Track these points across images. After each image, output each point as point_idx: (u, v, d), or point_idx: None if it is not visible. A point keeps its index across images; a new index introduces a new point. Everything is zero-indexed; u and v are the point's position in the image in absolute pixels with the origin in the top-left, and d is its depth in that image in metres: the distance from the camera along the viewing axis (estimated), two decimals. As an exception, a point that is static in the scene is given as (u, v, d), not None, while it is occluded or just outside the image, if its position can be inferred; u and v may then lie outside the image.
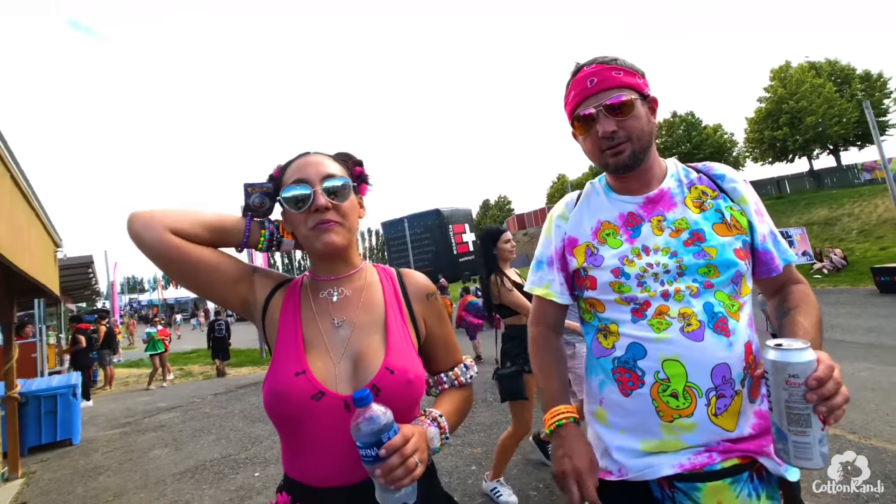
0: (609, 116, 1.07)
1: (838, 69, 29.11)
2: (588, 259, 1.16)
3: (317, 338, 0.99)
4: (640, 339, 1.06)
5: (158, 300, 44.62)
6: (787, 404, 0.85)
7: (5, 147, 3.22)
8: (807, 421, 0.83)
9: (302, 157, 1.05)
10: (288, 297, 1.05)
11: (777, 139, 28.86)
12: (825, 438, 0.85)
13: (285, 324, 1.01)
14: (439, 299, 1.17)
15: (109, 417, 7.72)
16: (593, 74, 1.09)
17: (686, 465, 1.01)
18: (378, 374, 0.94)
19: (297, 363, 0.94)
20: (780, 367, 0.85)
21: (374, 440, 0.80)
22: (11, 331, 5.10)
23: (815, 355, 0.85)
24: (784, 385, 0.85)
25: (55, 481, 4.78)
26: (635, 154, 1.09)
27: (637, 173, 1.14)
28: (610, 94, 1.07)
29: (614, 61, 1.11)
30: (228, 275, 1.02)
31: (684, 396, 1.00)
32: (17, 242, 3.60)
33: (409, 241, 30.81)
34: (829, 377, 0.82)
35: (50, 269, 5.14)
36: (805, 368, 0.83)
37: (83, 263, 9.41)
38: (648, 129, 1.10)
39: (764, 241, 1.12)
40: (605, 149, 1.10)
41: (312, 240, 1.00)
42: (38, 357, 8.69)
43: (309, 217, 0.99)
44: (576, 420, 1.15)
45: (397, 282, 1.12)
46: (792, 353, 0.85)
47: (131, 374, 13.19)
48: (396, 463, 0.80)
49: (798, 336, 0.99)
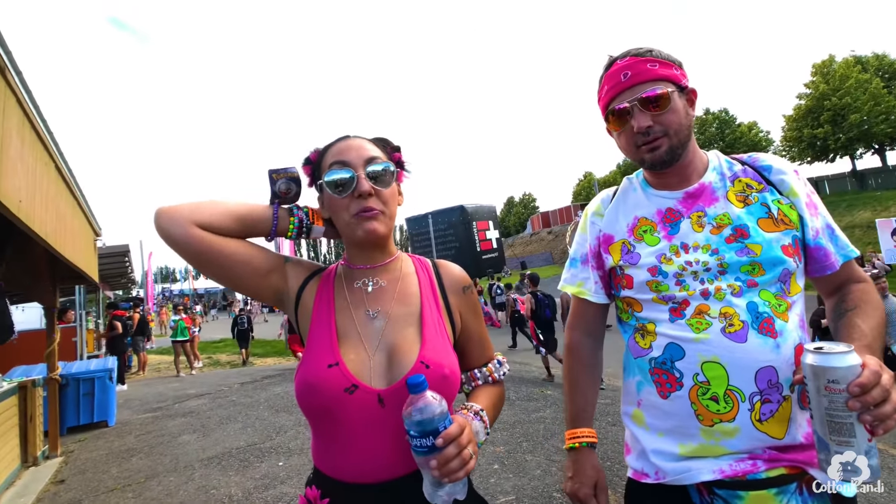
0: (644, 111, 1.02)
1: (886, 63, 27.65)
2: (624, 257, 1.12)
3: (350, 329, 0.96)
4: (678, 339, 1.01)
5: (189, 290, 46.04)
6: (828, 412, 0.80)
7: (52, 139, 3.35)
8: (850, 430, 0.78)
9: (343, 140, 1.02)
10: (322, 286, 1.03)
11: (817, 137, 27.66)
12: (874, 450, 0.79)
13: (319, 313, 0.98)
14: (475, 292, 1.15)
15: (143, 402, 8.01)
16: (627, 68, 1.05)
17: (727, 472, 0.96)
18: (413, 368, 0.91)
19: (330, 354, 0.92)
20: (819, 371, 0.80)
21: (431, 429, 0.77)
22: (54, 315, 5.33)
23: (858, 360, 0.79)
24: (823, 391, 0.80)
25: (91, 461, 4.99)
26: (673, 149, 1.04)
27: (676, 168, 1.09)
28: (645, 88, 1.02)
29: (649, 53, 1.05)
30: (259, 267, 1.00)
31: (725, 400, 0.95)
32: (61, 230, 3.75)
33: (433, 236, 30.85)
34: (873, 383, 0.76)
35: (90, 257, 5.35)
36: (846, 374, 0.78)
37: (120, 252, 9.78)
38: (686, 123, 1.05)
39: (817, 237, 1.04)
40: (640, 144, 1.06)
41: (354, 227, 0.97)
42: (77, 341, 9.08)
43: (352, 203, 0.96)
44: (591, 445, 1.16)
45: (433, 273, 1.09)
46: (832, 357, 0.79)
47: (163, 360, 13.66)
48: (453, 453, 0.78)
49: (853, 340, 0.92)
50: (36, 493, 4.17)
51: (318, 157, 1.04)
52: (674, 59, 1.07)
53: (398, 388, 0.88)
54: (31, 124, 2.91)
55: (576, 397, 1.22)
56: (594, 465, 1.14)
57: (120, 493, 4.00)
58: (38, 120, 3.00)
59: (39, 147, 3.13)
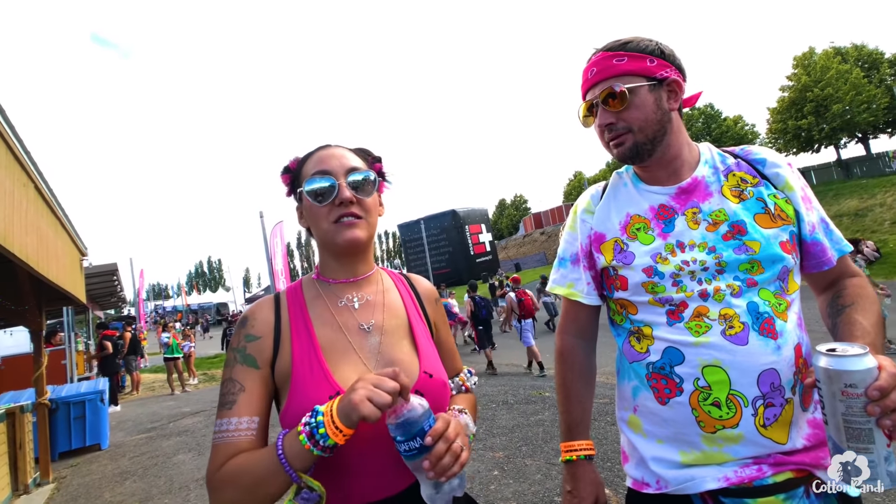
0: (606, 108, 1.02)
1: (865, 54, 28.05)
2: (617, 256, 1.07)
3: (345, 348, 0.93)
4: (677, 343, 0.97)
5: (182, 306, 45.64)
6: (845, 417, 0.76)
7: (29, 159, 3.29)
8: (869, 436, 0.74)
9: (323, 148, 1.01)
10: (293, 313, 0.96)
11: (802, 129, 27.94)
12: (893, 455, 0.75)
13: (300, 344, 0.92)
14: (442, 305, 1.17)
15: (136, 422, 7.88)
16: (595, 64, 1.05)
17: (733, 479, 0.92)
18: (420, 378, 0.92)
19: (326, 384, 0.86)
20: (835, 375, 0.76)
21: (417, 430, 0.76)
22: (41, 338, 5.22)
23: (875, 362, 0.76)
24: (840, 396, 0.76)
25: (84, 486, 4.87)
26: (637, 145, 1.02)
27: (660, 163, 1.06)
28: (605, 84, 1.02)
29: (622, 47, 1.03)
30: (266, 407, 0.91)
31: (728, 405, 0.92)
32: (44, 252, 3.68)
33: (426, 242, 30.87)
34: (892, 386, 0.73)
35: (76, 278, 5.26)
36: (864, 377, 0.74)
37: (108, 271, 9.66)
38: (656, 118, 1.01)
39: (813, 232, 1.02)
40: (608, 140, 1.06)
41: (333, 234, 0.94)
42: (67, 364, 8.92)
43: (332, 210, 0.94)
44: (589, 457, 1.12)
45: (408, 285, 1.11)
46: (848, 360, 0.75)
47: (157, 378, 13.46)
48: (443, 449, 0.77)
49: (856, 338, 0.89)
50: (26, 522, 4.06)
51: (297, 165, 1.02)
52: (651, 49, 1.03)
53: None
54: (6, 145, 2.86)
55: (571, 407, 1.16)
56: (593, 479, 1.10)
57: (113, 518, 3.90)
58: (13, 140, 2.94)
59: (17, 168, 3.07)
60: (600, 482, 1.11)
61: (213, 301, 47.15)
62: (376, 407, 0.73)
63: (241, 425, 0.85)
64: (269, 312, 0.96)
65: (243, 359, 0.91)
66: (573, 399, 1.17)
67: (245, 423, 0.86)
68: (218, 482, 0.81)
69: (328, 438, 0.74)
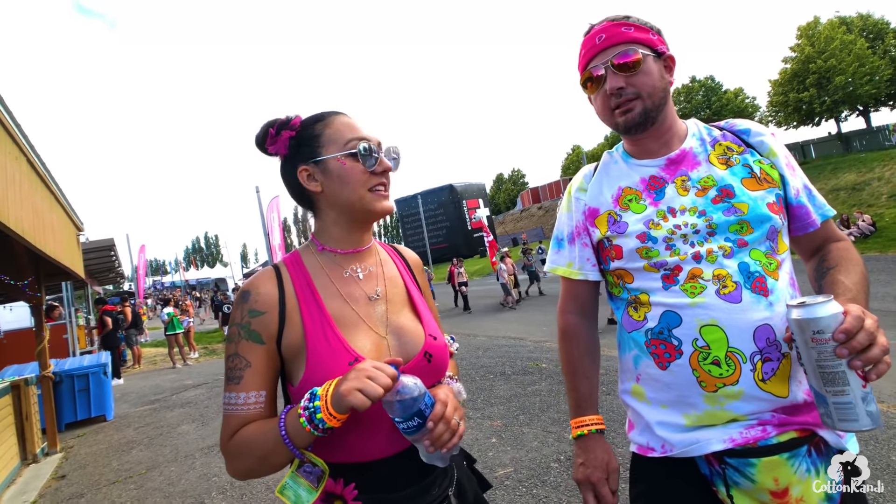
0: (617, 73, 1.04)
1: (871, 24, 27.49)
2: (611, 227, 1.11)
3: (354, 317, 0.95)
4: (674, 306, 1.00)
5: (181, 281, 45.72)
6: (818, 363, 0.80)
7: (20, 132, 3.23)
8: (843, 378, 0.78)
9: (343, 115, 1.01)
10: (298, 286, 0.96)
11: (803, 101, 27.61)
12: (870, 396, 0.79)
13: (310, 313, 0.93)
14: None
15: (140, 394, 8.02)
16: (602, 31, 1.07)
17: (738, 440, 0.95)
18: (426, 342, 0.98)
19: (345, 352, 0.89)
20: (804, 324, 0.81)
21: (415, 411, 0.80)
22: (41, 313, 5.26)
23: (840, 307, 0.80)
24: (811, 343, 0.80)
25: (91, 455, 5.00)
26: (646, 111, 1.05)
27: (654, 134, 1.09)
28: (617, 50, 1.04)
29: (626, 18, 1.08)
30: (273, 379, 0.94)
31: (727, 363, 0.95)
32: (40, 226, 3.66)
33: (424, 217, 30.78)
34: (857, 328, 0.77)
35: (74, 253, 5.25)
36: (829, 322, 0.78)
37: (105, 247, 9.62)
38: (661, 86, 1.05)
39: (798, 195, 1.07)
40: (614, 107, 1.07)
41: (371, 201, 0.97)
42: (69, 338, 9.00)
43: (371, 178, 0.96)
44: (600, 431, 1.14)
45: (399, 256, 1.16)
46: (813, 307, 0.80)
47: (158, 353, 13.61)
48: (443, 430, 0.83)
49: (837, 295, 0.92)
50: (38, 489, 4.18)
51: (303, 125, 0.99)
52: (652, 25, 1.09)
53: (417, 362, 0.95)
54: (-4, 117, 2.80)
55: (578, 384, 1.19)
56: (605, 449, 1.13)
57: (122, 485, 4.02)
58: (3, 113, 2.88)
59: (8, 141, 3.02)
60: (612, 453, 1.13)
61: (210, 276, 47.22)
62: (367, 398, 0.76)
63: (248, 399, 0.89)
64: (271, 286, 0.94)
65: (248, 335, 0.91)
66: (580, 375, 1.19)
67: (253, 398, 0.89)
68: (232, 451, 0.88)
69: (325, 423, 0.78)
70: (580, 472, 1.12)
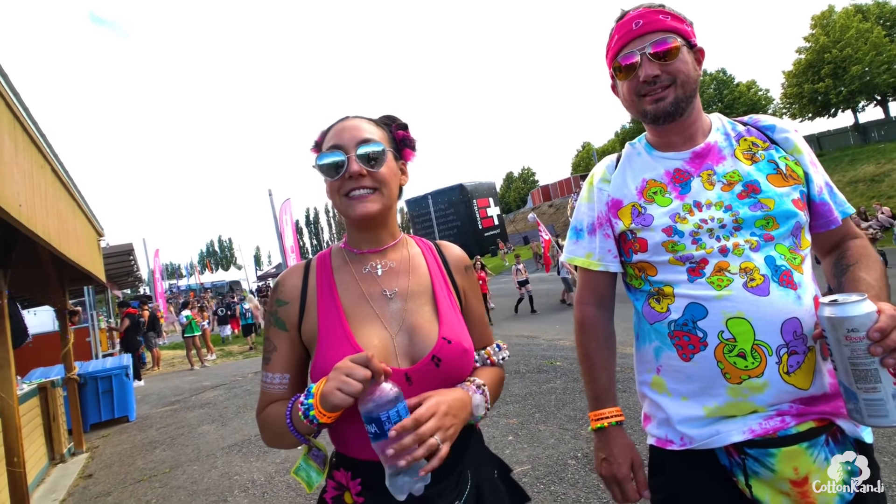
0: (653, 60, 1.03)
1: (887, 11, 26.88)
2: (636, 220, 1.10)
3: (368, 313, 0.97)
4: (700, 298, 1.00)
5: (196, 285, 46.36)
6: (851, 361, 0.82)
7: (45, 141, 3.33)
8: (875, 376, 0.80)
9: (340, 122, 1.02)
10: (321, 281, 1.02)
11: (818, 92, 27.13)
12: None
13: (325, 308, 0.98)
14: (475, 273, 1.17)
15: (160, 396, 8.17)
16: (639, 17, 1.06)
17: (758, 431, 0.96)
18: (437, 344, 0.94)
19: (348, 346, 0.91)
20: (837, 322, 0.82)
21: (376, 416, 0.77)
22: (66, 316, 5.40)
23: (874, 306, 0.81)
24: (844, 341, 0.82)
25: (116, 455, 5.12)
26: (678, 101, 1.04)
27: (680, 127, 1.09)
28: (655, 37, 1.03)
29: (662, 6, 1.07)
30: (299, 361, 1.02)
31: (753, 355, 0.95)
32: (64, 232, 3.76)
33: (434, 216, 30.80)
34: (892, 326, 0.79)
35: (95, 258, 5.37)
36: (864, 321, 0.80)
37: (125, 251, 9.82)
38: (694, 76, 1.05)
39: (821, 192, 1.08)
40: (644, 94, 1.06)
41: (346, 207, 0.97)
42: (91, 341, 9.20)
43: (343, 184, 0.96)
44: (620, 423, 1.13)
45: (437, 253, 1.11)
46: (848, 306, 0.81)
47: (177, 355, 13.87)
48: (408, 444, 0.77)
49: (862, 291, 0.93)
50: (66, 488, 4.29)
51: (322, 138, 1.03)
52: (685, 16, 1.09)
53: (423, 364, 0.92)
54: (22, 127, 2.89)
55: (596, 375, 1.17)
56: (626, 443, 1.12)
57: (147, 483, 4.12)
58: (28, 122, 2.97)
59: (33, 150, 3.11)
60: (634, 446, 1.13)
61: (225, 279, 47.82)
62: (346, 395, 0.79)
63: (274, 380, 0.99)
64: (297, 279, 1.03)
65: (275, 321, 1.02)
66: (598, 367, 1.18)
67: (277, 379, 0.99)
68: (260, 423, 1.00)
69: (317, 419, 0.84)
70: (604, 468, 1.11)
